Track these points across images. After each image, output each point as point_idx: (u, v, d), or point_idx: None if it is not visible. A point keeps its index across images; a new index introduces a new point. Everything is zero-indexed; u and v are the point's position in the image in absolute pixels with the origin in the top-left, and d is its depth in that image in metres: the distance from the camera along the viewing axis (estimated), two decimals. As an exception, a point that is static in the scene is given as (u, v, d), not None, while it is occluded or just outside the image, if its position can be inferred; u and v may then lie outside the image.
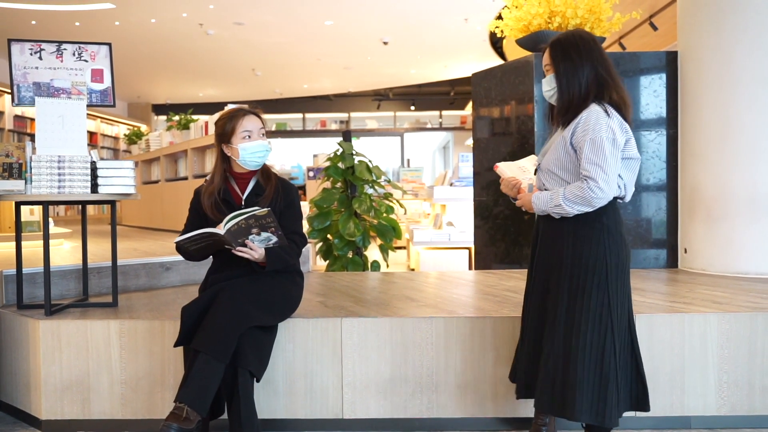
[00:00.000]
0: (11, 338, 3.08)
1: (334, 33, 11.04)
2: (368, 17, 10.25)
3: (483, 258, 5.01)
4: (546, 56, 2.34)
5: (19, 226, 3.22)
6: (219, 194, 2.71)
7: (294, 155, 15.64)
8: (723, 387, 2.77)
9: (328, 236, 5.27)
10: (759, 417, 2.78)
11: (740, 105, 4.05)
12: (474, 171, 5.15)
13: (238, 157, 2.67)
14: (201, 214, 2.73)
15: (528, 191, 2.42)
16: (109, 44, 3.36)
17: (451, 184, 7.63)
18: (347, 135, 5.46)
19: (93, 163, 3.00)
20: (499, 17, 4.92)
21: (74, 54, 3.28)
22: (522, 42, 4.60)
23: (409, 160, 15.88)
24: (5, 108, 10.82)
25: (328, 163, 5.34)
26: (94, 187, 3.01)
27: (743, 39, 4.04)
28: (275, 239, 2.59)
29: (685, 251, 4.43)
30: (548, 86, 2.34)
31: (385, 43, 11.71)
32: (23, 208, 3.52)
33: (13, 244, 3.21)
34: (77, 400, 2.85)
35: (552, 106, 2.41)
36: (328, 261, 5.24)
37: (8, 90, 9.97)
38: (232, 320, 2.44)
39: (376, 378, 2.82)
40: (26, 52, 3.22)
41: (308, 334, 2.82)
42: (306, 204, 5.98)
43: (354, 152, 5.32)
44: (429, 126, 18.51)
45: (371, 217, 5.21)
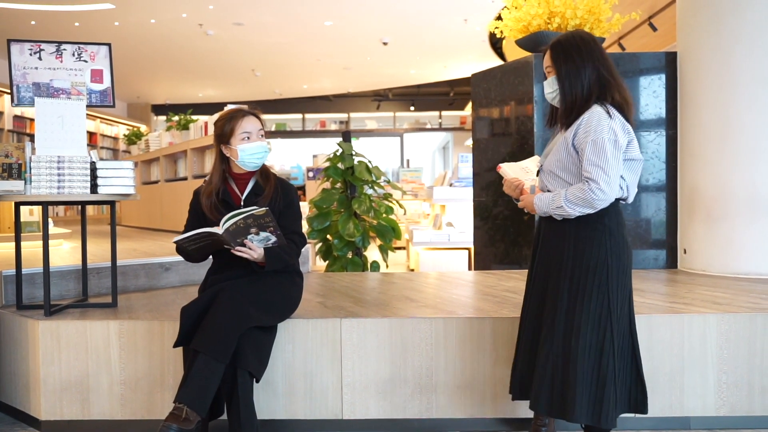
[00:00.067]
0: (10, 339, 3.08)
1: (334, 33, 11.04)
2: (368, 18, 10.25)
3: (482, 258, 5.01)
4: (547, 58, 2.33)
5: (19, 227, 3.22)
6: (218, 195, 2.71)
7: (293, 156, 15.66)
8: (722, 388, 2.77)
9: (328, 237, 5.27)
10: (758, 418, 2.78)
11: (740, 105, 4.05)
12: (473, 171, 5.15)
13: (237, 158, 2.67)
14: (200, 215, 2.73)
15: (530, 192, 2.41)
16: (109, 44, 3.36)
17: (451, 185, 7.64)
18: (347, 135, 5.46)
19: (92, 164, 3.00)
20: (499, 18, 4.91)
21: (74, 54, 3.28)
22: (521, 42, 4.60)
23: (409, 161, 15.87)
24: (5, 108, 10.81)
25: (328, 164, 5.34)
26: (94, 188, 3.01)
27: (742, 39, 4.04)
28: (274, 239, 2.58)
29: (685, 252, 4.43)
30: (550, 88, 2.33)
31: (385, 44, 11.71)
32: (23, 209, 3.52)
33: (13, 245, 3.21)
34: (76, 401, 2.85)
35: (552, 108, 2.41)
36: (328, 261, 5.24)
37: (8, 90, 9.97)
38: (232, 321, 2.44)
39: (376, 378, 2.82)
40: (26, 53, 3.21)
41: (308, 335, 2.82)
42: (305, 204, 5.98)
43: (353, 153, 5.32)
44: (428, 126, 18.51)
45: (371, 218, 5.21)
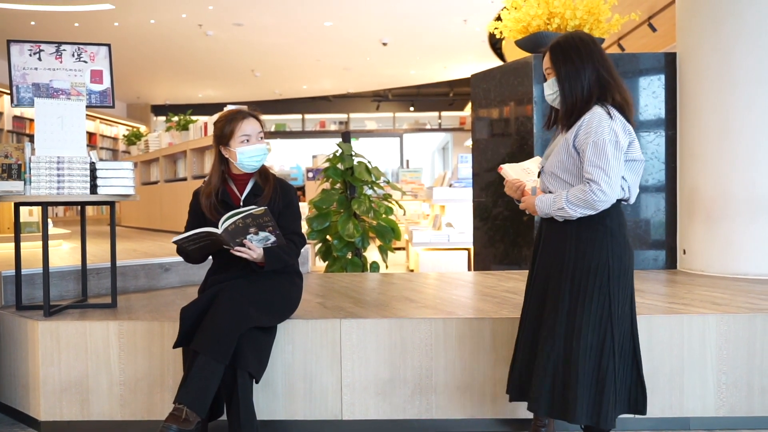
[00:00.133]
0: (10, 339, 3.07)
1: (334, 34, 11.04)
2: (367, 18, 10.25)
3: (482, 259, 5.01)
4: (546, 60, 2.32)
5: (18, 227, 3.22)
6: (217, 195, 2.71)
7: (293, 156, 15.67)
8: (722, 388, 2.77)
9: (328, 237, 5.27)
10: (758, 418, 2.78)
11: (739, 106, 4.05)
12: (473, 172, 5.15)
13: (236, 161, 2.67)
14: (200, 216, 2.72)
15: (532, 194, 2.41)
16: (109, 45, 3.36)
17: (450, 185, 7.64)
18: (346, 136, 5.46)
19: (92, 164, 3.00)
20: (498, 18, 4.91)
21: (73, 55, 3.28)
22: (521, 43, 4.60)
23: (409, 161, 15.87)
24: (4, 109, 10.81)
25: (328, 164, 5.34)
26: (93, 188, 3.00)
27: (742, 40, 4.04)
28: (273, 239, 2.58)
29: (684, 252, 4.43)
30: (550, 90, 2.32)
31: (385, 44, 11.72)
32: (22, 209, 3.51)
33: (12, 245, 3.21)
34: (76, 401, 2.85)
35: (550, 109, 2.41)
36: (328, 262, 5.24)
37: (7, 91, 9.98)
38: (232, 321, 2.44)
39: (375, 379, 2.82)
40: (25, 53, 3.21)
41: (307, 336, 2.82)
42: (305, 205, 5.98)
43: (353, 153, 5.32)
44: (428, 127, 18.51)
45: (370, 218, 5.21)
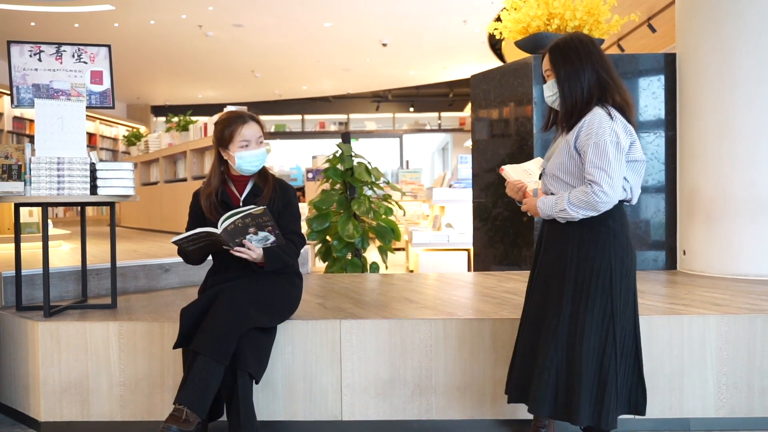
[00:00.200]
0: (10, 340, 3.07)
1: (333, 34, 11.04)
2: (367, 19, 10.25)
3: (482, 259, 5.01)
4: (546, 61, 2.32)
5: (18, 228, 3.22)
6: (217, 196, 2.71)
7: (293, 157, 15.66)
8: (722, 389, 2.77)
9: (327, 238, 5.27)
10: (758, 419, 2.77)
11: (739, 106, 4.06)
12: (473, 173, 5.15)
13: (235, 165, 2.67)
14: (200, 216, 2.73)
15: (533, 195, 2.41)
16: (109, 46, 3.36)
17: (450, 186, 7.64)
18: (346, 136, 5.46)
19: (92, 165, 3.00)
20: (498, 19, 4.92)
21: (73, 56, 3.28)
22: (521, 44, 4.60)
23: (408, 162, 15.89)
24: (4, 110, 10.81)
25: (327, 165, 5.34)
26: (93, 189, 3.01)
27: (742, 40, 4.04)
28: (273, 239, 2.58)
29: (684, 253, 4.43)
30: (550, 91, 2.32)
31: (384, 45, 11.72)
32: (22, 210, 3.51)
33: (12, 246, 3.21)
34: (76, 402, 2.85)
35: (549, 111, 2.41)
36: (327, 263, 5.24)
37: (7, 92, 9.98)
38: (232, 322, 2.44)
39: (375, 380, 2.82)
40: (25, 54, 3.21)
41: (307, 336, 2.82)
42: (305, 205, 5.98)
43: (353, 154, 5.32)
44: (428, 127, 18.51)
45: (370, 219, 5.21)
